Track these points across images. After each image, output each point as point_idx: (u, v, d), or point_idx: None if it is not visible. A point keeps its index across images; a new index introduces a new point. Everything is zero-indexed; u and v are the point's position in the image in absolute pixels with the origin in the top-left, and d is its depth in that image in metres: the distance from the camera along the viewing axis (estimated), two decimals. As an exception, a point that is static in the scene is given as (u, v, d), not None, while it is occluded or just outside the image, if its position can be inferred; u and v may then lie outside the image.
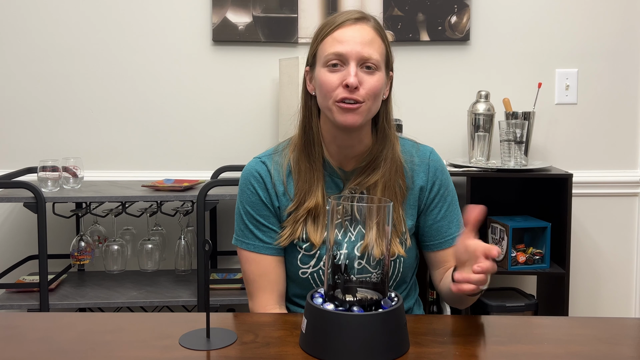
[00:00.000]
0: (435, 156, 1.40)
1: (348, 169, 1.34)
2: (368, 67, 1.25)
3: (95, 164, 2.38)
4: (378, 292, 1.06)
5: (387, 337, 1.02)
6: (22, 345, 1.09)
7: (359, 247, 1.08)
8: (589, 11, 2.40)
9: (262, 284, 1.33)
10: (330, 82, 1.24)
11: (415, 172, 1.36)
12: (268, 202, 1.33)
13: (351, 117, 1.24)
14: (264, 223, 1.33)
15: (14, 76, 2.37)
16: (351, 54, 1.23)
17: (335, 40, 1.25)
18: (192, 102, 2.40)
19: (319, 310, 1.03)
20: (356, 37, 1.24)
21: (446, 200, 1.37)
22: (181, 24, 2.37)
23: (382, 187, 1.30)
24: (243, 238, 1.35)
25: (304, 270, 1.33)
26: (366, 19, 1.28)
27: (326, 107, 1.27)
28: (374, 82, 1.25)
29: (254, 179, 1.34)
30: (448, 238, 1.36)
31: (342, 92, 1.23)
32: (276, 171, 1.34)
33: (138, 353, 1.05)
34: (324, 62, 1.26)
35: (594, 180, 2.44)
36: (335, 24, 1.26)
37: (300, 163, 1.32)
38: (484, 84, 2.36)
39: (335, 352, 1.01)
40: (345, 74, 1.23)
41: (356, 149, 1.33)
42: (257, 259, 1.33)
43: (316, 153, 1.31)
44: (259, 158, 1.37)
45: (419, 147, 1.40)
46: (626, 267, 2.49)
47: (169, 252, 2.34)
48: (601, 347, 1.08)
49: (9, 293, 2.15)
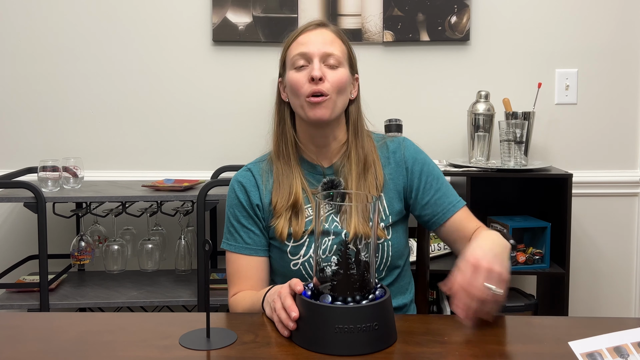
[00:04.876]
0: (408, 142, 1.50)
1: (326, 165, 1.45)
2: (331, 64, 1.38)
3: (95, 164, 2.38)
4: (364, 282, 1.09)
5: (373, 328, 1.04)
6: (22, 345, 1.09)
7: (347, 234, 1.15)
8: (589, 11, 2.40)
9: (234, 280, 1.42)
10: (298, 80, 1.37)
11: (392, 159, 1.46)
12: (248, 205, 1.43)
13: (320, 111, 1.36)
14: (243, 224, 1.42)
15: (14, 76, 2.37)
16: (314, 52, 1.37)
17: (298, 44, 1.40)
18: (192, 102, 2.40)
19: (306, 302, 1.07)
20: (317, 38, 1.39)
21: (432, 175, 1.45)
22: (181, 24, 2.37)
23: (357, 177, 1.40)
24: (226, 240, 1.45)
25: (295, 262, 1.39)
26: (326, 25, 1.44)
27: (298, 105, 1.39)
28: (338, 76, 1.37)
29: (236, 184, 1.46)
30: (449, 206, 1.44)
31: (309, 86, 1.36)
32: (260, 176, 1.45)
33: (138, 353, 1.05)
34: (291, 65, 1.40)
35: (594, 180, 2.44)
36: (298, 32, 1.42)
37: (277, 167, 1.43)
38: (484, 84, 2.36)
39: (325, 344, 1.04)
40: (310, 69, 1.36)
41: (332, 146, 1.44)
42: (233, 258, 1.43)
43: (291, 155, 1.43)
44: (246, 166, 1.50)
45: (392, 139, 1.51)
46: (626, 267, 2.49)
47: (169, 252, 2.34)
48: (601, 347, 1.08)
49: (9, 293, 2.15)
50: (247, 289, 1.40)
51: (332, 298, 1.07)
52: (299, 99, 1.38)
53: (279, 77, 1.47)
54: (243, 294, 1.38)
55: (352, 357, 1.03)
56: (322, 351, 1.03)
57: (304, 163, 1.45)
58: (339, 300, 1.06)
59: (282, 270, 1.42)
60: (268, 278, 1.44)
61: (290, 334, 1.10)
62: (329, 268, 1.10)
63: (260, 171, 1.46)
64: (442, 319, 1.25)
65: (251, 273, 1.41)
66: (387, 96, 2.39)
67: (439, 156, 2.35)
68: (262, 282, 1.42)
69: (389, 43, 2.38)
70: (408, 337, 1.11)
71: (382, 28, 2.36)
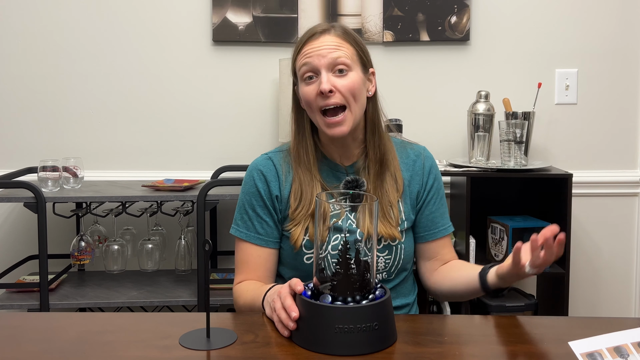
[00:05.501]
0: (428, 152, 1.50)
1: (347, 164, 1.43)
2: (340, 70, 1.33)
3: (95, 164, 2.38)
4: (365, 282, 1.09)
5: (373, 328, 1.04)
6: (22, 345, 1.09)
7: (360, 233, 1.14)
8: (589, 11, 2.40)
9: (241, 268, 1.42)
10: (308, 93, 1.34)
11: (412, 167, 1.45)
12: (267, 196, 1.41)
13: (338, 129, 1.33)
14: (259, 213, 1.40)
15: (14, 76, 2.37)
16: (320, 64, 1.33)
17: (303, 56, 1.35)
18: (192, 102, 2.40)
19: (306, 302, 1.07)
20: (321, 48, 1.34)
21: (439, 193, 1.47)
22: (181, 24, 2.37)
23: (375, 176, 1.39)
24: (237, 226, 1.43)
25: (308, 256, 1.38)
26: (329, 30, 1.37)
27: (315, 121, 1.37)
28: (348, 82, 1.33)
29: (256, 172, 1.42)
30: (441, 228, 1.46)
31: (320, 100, 1.33)
32: (280, 166, 1.42)
33: (138, 353, 1.05)
34: (301, 77, 1.37)
35: (594, 180, 2.44)
36: (302, 42, 1.37)
37: (298, 173, 1.40)
38: (484, 84, 2.36)
39: (325, 344, 1.04)
40: (319, 82, 1.32)
41: (352, 146, 1.42)
42: (244, 246, 1.42)
43: (312, 161, 1.40)
44: (267, 154, 1.46)
45: (412, 145, 1.50)
46: (626, 267, 2.49)
47: (169, 252, 2.34)
48: (601, 347, 1.08)
49: (9, 293, 2.15)
50: (254, 279, 1.39)
51: (332, 298, 1.07)
52: (314, 114, 1.36)
53: (293, 85, 1.44)
54: (247, 284, 1.38)
55: (352, 357, 1.03)
56: (322, 351, 1.03)
57: (325, 161, 1.43)
58: (339, 300, 1.06)
59: (293, 263, 1.40)
60: (275, 270, 1.44)
61: (290, 334, 1.10)
62: (333, 266, 1.10)
63: (281, 161, 1.43)
64: (442, 319, 1.25)
65: (259, 264, 1.40)
66: (387, 96, 2.37)
67: (439, 156, 2.34)
68: (269, 273, 1.41)
69: (389, 43, 2.38)
70: (408, 337, 1.11)
71: (382, 28, 2.36)
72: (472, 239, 2.11)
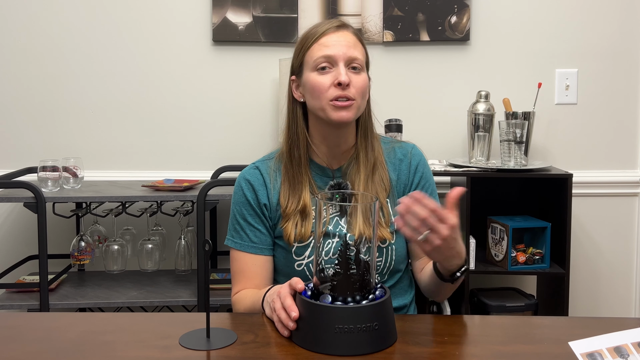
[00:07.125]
0: (417, 151, 1.50)
1: (335, 167, 1.44)
2: (354, 67, 1.36)
3: (95, 164, 2.38)
4: (365, 282, 1.09)
5: (373, 328, 1.04)
6: (22, 345, 1.09)
7: (351, 236, 1.15)
8: (589, 11, 2.40)
9: (238, 278, 1.42)
10: (322, 83, 1.35)
11: (399, 166, 1.46)
12: (255, 204, 1.42)
13: (345, 113, 1.34)
14: (250, 222, 1.42)
15: (14, 76, 2.37)
16: (339, 56, 1.35)
17: (322, 46, 1.36)
18: (192, 102, 2.40)
19: (306, 302, 1.07)
20: (341, 41, 1.36)
21: (427, 191, 1.46)
22: (181, 24, 2.37)
23: (365, 180, 1.40)
24: (231, 237, 1.44)
25: (299, 263, 1.39)
26: (346, 26, 1.41)
27: (319, 107, 1.37)
28: (362, 81, 1.37)
29: (244, 182, 1.44)
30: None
31: (334, 91, 1.34)
32: (268, 175, 1.44)
33: (138, 353, 1.05)
34: (313, 66, 1.37)
35: (594, 180, 2.44)
36: (319, 33, 1.38)
37: (287, 168, 1.42)
38: (484, 84, 2.36)
39: (325, 344, 1.04)
40: (336, 74, 1.34)
41: (342, 147, 1.43)
42: (238, 256, 1.42)
43: (302, 157, 1.41)
44: (254, 163, 1.48)
45: (401, 144, 1.51)
46: (626, 267, 2.49)
47: (169, 252, 2.34)
48: (601, 347, 1.08)
49: (9, 293, 2.15)
50: (251, 287, 1.40)
51: (332, 298, 1.07)
52: (320, 101, 1.36)
53: (291, 75, 1.44)
54: (245, 292, 1.39)
55: (352, 357, 1.03)
56: (322, 351, 1.04)
57: (313, 165, 1.44)
58: (339, 300, 1.06)
59: (286, 270, 1.41)
60: (272, 277, 1.45)
61: (290, 334, 1.10)
62: (330, 269, 1.10)
63: (269, 170, 1.44)
64: (442, 319, 1.25)
65: (256, 272, 1.41)
66: (387, 96, 2.39)
67: (439, 156, 2.35)
68: (266, 280, 1.42)
69: (389, 43, 2.38)
70: (408, 337, 1.11)
71: (382, 28, 2.36)
72: (472, 239, 2.11)
